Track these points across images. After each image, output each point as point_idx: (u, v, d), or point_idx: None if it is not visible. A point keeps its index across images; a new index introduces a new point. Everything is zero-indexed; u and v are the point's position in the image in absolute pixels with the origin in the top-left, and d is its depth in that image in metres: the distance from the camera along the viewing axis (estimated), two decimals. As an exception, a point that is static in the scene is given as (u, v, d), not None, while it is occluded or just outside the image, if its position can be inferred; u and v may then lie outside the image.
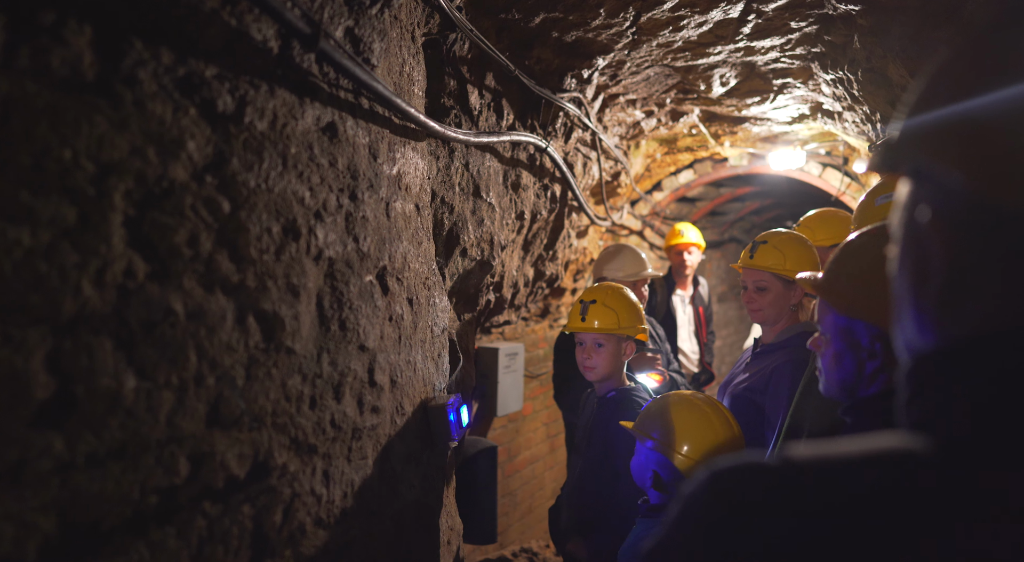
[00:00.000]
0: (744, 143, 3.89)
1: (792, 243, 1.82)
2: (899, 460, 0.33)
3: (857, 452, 0.35)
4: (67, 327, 0.64)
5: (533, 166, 2.31)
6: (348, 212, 1.08)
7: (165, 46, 0.73)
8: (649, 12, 1.86)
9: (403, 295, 1.31)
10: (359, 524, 1.13)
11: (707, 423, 1.36)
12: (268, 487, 0.91)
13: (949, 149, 0.36)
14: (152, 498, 0.73)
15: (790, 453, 0.36)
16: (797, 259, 1.79)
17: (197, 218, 0.78)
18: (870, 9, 1.80)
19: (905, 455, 0.34)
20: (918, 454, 0.33)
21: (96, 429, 0.67)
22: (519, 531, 3.53)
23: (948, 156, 0.36)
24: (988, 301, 0.34)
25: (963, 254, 0.36)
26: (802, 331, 1.75)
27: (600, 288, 1.91)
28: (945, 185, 0.36)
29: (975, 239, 0.35)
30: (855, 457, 0.34)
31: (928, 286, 0.37)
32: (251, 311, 0.86)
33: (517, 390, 3.05)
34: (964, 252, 0.36)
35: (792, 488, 0.34)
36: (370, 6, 1.06)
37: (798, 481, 0.34)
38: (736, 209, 6.52)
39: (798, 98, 2.84)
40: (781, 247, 1.82)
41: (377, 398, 1.19)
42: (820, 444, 0.36)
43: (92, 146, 0.66)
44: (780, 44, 2.18)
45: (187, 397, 0.77)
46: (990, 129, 0.33)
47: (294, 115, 0.94)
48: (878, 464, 0.34)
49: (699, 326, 3.77)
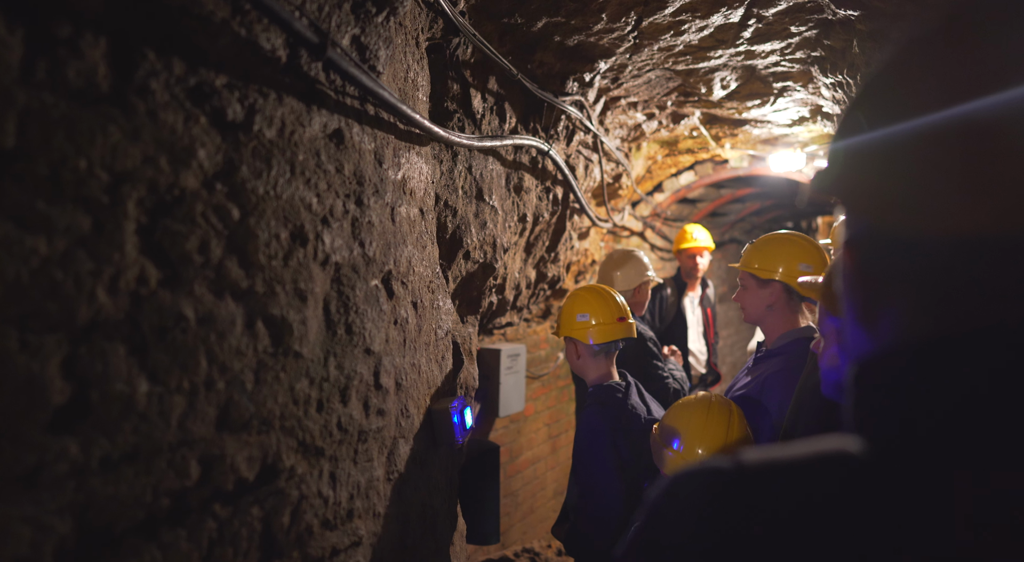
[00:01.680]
0: (744, 145, 3.90)
1: (768, 244, 1.84)
2: (837, 463, 0.35)
3: (801, 455, 0.36)
4: (82, 334, 0.65)
5: (535, 169, 2.32)
6: (354, 217, 1.09)
7: (177, 56, 0.75)
8: (650, 17, 1.87)
9: (408, 299, 1.32)
10: (365, 525, 1.14)
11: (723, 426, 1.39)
12: (276, 489, 0.92)
13: (848, 179, 0.39)
14: (164, 501, 0.74)
15: (742, 457, 0.37)
16: (764, 259, 1.82)
17: (207, 225, 0.79)
18: (869, 15, 1.81)
19: (843, 458, 0.35)
20: (855, 457, 0.35)
21: (110, 433, 0.68)
22: (521, 531, 3.54)
23: (847, 186, 0.39)
24: (899, 316, 0.36)
25: (871, 274, 0.38)
26: (799, 337, 1.75)
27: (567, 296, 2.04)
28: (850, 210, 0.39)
29: (877, 262, 0.38)
30: (798, 460, 0.36)
31: (855, 299, 0.40)
32: (260, 316, 0.88)
33: (519, 391, 3.06)
34: (871, 272, 0.38)
35: (740, 490, 0.35)
36: (376, 14, 1.07)
37: (746, 484, 0.36)
38: (737, 210, 6.53)
39: (798, 101, 2.85)
40: (759, 246, 1.85)
41: (382, 401, 1.20)
42: (772, 448, 0.38)
43: (106, 156, 0.67)
44: (780, 48, 2.19)
45: (198, 401, 0.78)
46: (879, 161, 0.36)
47: (302, 122, 0.95)
48: (817, 466, 0.35)
49: (707, 327, 3.78)
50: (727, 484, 0.36)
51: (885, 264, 0.37)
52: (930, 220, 0.33)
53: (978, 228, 0.32)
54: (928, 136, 0.33)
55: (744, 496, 0.35)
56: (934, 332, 0.34)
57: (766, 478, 0.36)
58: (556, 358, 3.76)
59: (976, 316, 0.33)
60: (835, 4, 1.82)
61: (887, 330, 0.37)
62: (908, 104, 0.35)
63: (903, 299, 0.36)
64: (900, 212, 0.35)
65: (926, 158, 0.33)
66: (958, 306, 0.33)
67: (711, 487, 0.36)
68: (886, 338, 0.37)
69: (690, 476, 0.38)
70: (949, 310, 0.34)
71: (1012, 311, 0.31)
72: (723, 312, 6.97)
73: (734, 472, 0.36)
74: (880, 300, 0.38)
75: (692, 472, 0.38)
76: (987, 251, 0.32)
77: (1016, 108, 0.30)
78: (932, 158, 0.33)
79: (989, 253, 0.32)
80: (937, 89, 0.33)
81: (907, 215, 0.35)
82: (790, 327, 1.80)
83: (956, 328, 0.33)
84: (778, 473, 0.36)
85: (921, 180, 0.34)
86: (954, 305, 0.34)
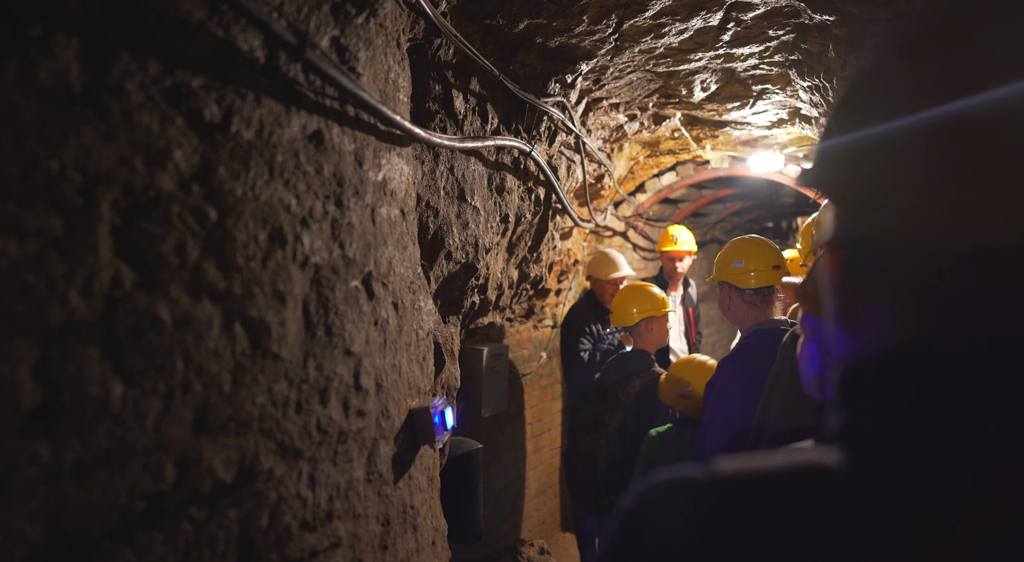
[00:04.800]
0: (725, 146, 3.95)
1: (725, 248, 2.03)
2: (810, 476, 0.35)
3: (774, 467, 0.36)
4: (55, 336, 0.64)
5: (518, 170, 2.33)
6: (334, 219, 1.09)
7: (152, 57, 0.74)
8: (631, 19, 1.89)
9: (388, 300, 1.32)
10: (344, 526, 1.14)
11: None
12: (254, 491, 0.91)
13: (831, 178, 0.38)
14: (139, 504, 0.74)
15: (717, 466, 0.37)
16: (714, 265, 2.05)
17: (184, 227, 0.79)
18: (844, 20, 1.85)
19: (816, 471, 0.34)
20: (829, 470, 0.34)
21: (83, 437, 0.67)
22: (504, 531, 3.55)
23: (830, 185, 0.38)
24: (881, 322, 0.35)
25: (852, 277, 0.37)
26: (757, 329, 1.85)
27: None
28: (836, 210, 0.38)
29: (859, 265, 0.36)
30: (772, 472, 0.36)
31: (836, 301, 0.39)
32: (238, 318, 0.87)
33: (502, 391, 3.07)
34: (853, 275, 0.37)
35: (713, 500, 0.35)
36: (356, 16, 1.07)
37: (719, 494, 0.36)
38: (718, 210, 6.61)
39: (777, 104, 2.89)
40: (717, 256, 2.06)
41: (363, 402, 1.20)
42: (746, 457, 0.38)
43: (79, 157, 0.66)
44: (759, 51, 2.23)
45: (174, 404, 0.78)
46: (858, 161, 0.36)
47: (280, 124, 0.95)
48: (790, 479, 0.35)
49: (689, 326, 3.84)
50: (700, 493, 0.36)
51: (867, 267, 0.36)
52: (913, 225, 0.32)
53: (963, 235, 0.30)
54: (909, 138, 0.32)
55: (717, 506, 0.35)
56: (915, 340, 0.33)
57: (739, 489, 0.35)
58: (539, 358, 3.78)
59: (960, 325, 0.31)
60: (811, 9, 1.85)
61: (869, 335, 0.36)
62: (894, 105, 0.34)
63: (884, 304, 0.35)
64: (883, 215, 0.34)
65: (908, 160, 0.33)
66: (941, 314, 0.32)
67: (685, 496, 0.36)
68: (868, 343, 0.36)
69: (665, 485, 0.38)
70: (931, 318, 0.32)
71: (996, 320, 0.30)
72: (705, 311, 7.04)
73: (708, 481, 0.36)
74: (861, 304, 0.36)
75: (667, 481, 0.38)
76: (972, 258, 0.30)
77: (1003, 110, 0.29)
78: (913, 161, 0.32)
79: (974, 260, 0.30)
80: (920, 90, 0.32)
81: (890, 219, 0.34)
82: (753, 321, 1.89)
83: (938, 337, 0.32)
84: (751, 484, 0.35)
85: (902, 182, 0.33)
86: (937, 313, 0.32)
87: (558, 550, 4.00)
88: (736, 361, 1.80)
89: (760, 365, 1.67)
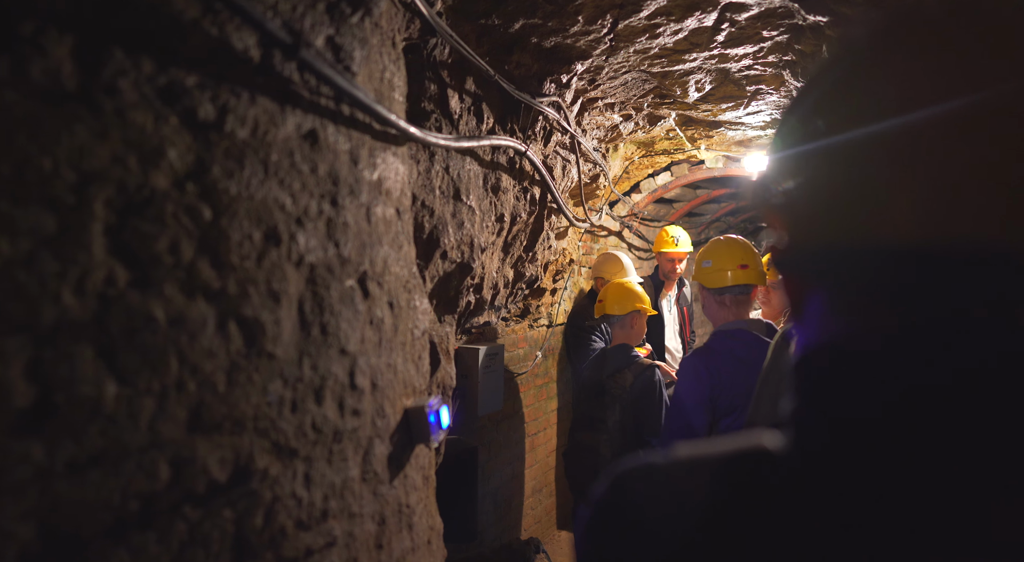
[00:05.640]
0: (720, 147, 3.97)
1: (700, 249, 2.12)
2: (751, 458, 0.37)
3: (722, 451, 0.39)
4: (47, 336, 0.64)
5: (513, 169, 2.33)
6: (329, 218, 1.09)
7: (146, 55, 0.74)
8: (626, 20, 1.90)
9: (384, 299, 1.32)
10: (340, 525, 1.14)
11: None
12: (249, 491, 0.91)
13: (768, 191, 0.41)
14: (133, 504, 0.73)
15: (676, 452, 0.40)
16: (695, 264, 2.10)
17: (178, 226, 0.78)
18: (838, 21, 1.86)
19: (757, 454, 0.37)
20: (769, 453, 0.37)
21: (77, 436, 0.67)
22: (499, 530, 3.56)
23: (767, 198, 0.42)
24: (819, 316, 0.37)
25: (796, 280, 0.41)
26: (719, 330, 1.88)
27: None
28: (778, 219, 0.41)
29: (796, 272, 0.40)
30: (718, 455, 0.39)
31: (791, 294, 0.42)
32: (232, 317, 0.87)
33: (497, 390, 3.07)
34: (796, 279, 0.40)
35: (670, 482, 0.38)
36: (351, 15, 1.07)
37: (675, 476, 0.39)
38: (712, 210, 6.63)
39: (771, 104, 2.91)
40: None
41: (358, 401, 1.20)
42: (703, 443, 0.41)
43: (72, 155, 0.66)
44: (753, 52, 2.24)
45: (168, 403, 0.77)
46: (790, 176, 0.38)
47: (275, 123, 0.95)
48: (732, 461, 0.37)
49: (684, 325, 3.86)
50: (660, 476, 0.39)
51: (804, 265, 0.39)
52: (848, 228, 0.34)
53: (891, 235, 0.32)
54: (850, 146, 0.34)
55: (673, 487, 0.38)
56: (849, 335, 0.35)
57: (691, 471, 0.38)
58: (534, 357, 3.78)
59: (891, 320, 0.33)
60: (805, 10, 1.86)
61: (811, 328, 0.38)
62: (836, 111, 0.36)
63: (821, 300, 0.37)
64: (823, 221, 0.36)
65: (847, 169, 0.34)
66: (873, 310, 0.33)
67: (648, 479, 0.39)
68: (811, 335, 0.38)
69: (632, 470, 0.41)
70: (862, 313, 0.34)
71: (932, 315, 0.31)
72: (699, 311, 7.07)
73: (668, 466, 0.39)
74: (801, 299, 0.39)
75: (634, 467, 0.41)
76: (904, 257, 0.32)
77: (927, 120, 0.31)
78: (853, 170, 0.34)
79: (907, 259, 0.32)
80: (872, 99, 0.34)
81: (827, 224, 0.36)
82: (723, 321, 1.92)
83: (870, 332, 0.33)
84: (701, 466, 0.38)
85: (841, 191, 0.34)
86: (870, 308, 0.34)
87: (554, 548, 4.01)
88: (691, 361, 1.87)
89: (714, 365, 1.73)
